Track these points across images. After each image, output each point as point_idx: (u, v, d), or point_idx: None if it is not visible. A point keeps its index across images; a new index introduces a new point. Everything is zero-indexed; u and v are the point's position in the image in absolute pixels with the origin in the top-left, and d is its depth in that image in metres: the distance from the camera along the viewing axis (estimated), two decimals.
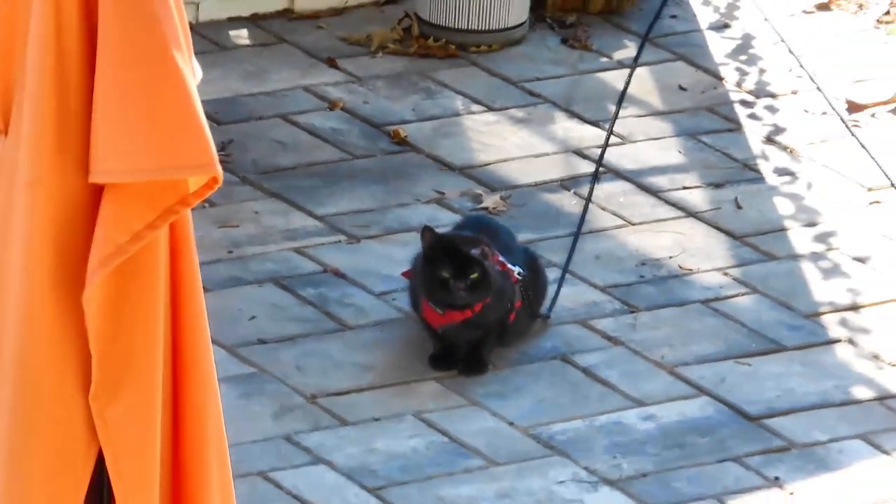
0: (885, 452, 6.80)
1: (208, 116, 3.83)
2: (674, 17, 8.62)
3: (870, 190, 8.02)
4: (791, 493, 6.57)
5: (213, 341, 4.13)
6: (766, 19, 8.57)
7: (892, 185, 8.04)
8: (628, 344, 7.25)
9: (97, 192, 3.79)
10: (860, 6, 8.95)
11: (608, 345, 7.24)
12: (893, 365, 7.30)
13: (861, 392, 7.10)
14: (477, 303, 7.08)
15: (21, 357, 4.03)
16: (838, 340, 7.30)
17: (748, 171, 8.08)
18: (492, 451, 6.80)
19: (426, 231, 7.15)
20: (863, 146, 7.95)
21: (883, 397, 7.05)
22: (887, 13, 8.93)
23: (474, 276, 7.02)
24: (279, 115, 8.31)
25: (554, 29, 8.34)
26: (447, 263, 7.08)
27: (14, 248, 4.01)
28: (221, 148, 6.72)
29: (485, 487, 6.75)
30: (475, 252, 7.01)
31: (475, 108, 8.12)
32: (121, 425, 4.01)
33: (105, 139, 3.71)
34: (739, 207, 7.89)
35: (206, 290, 4.24)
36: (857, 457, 6.80)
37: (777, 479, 6.64)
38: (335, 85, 8.57)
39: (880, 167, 8.05)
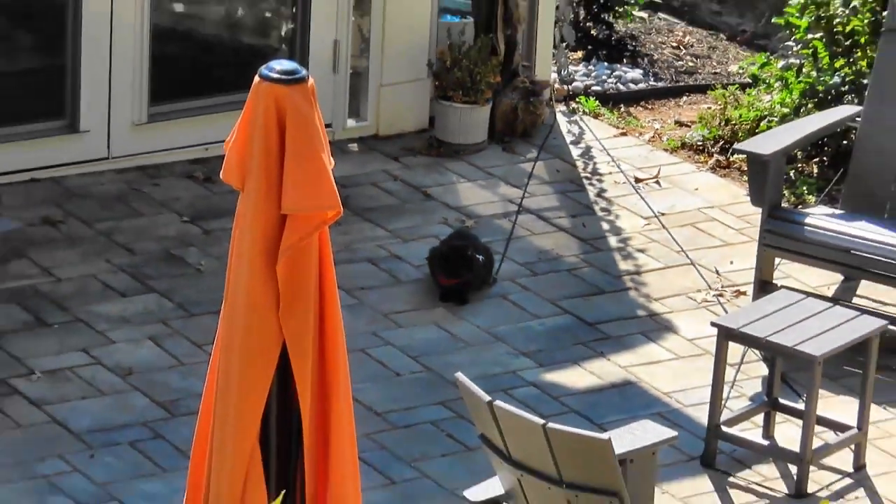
0: None
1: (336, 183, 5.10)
2: (554, 138, 10.09)
3: (646, 218, 9.69)
4: None
5: None
6: (596, 138, 10.23)
7: (656, 215, 9.63)
8: (527, 286, 9.17)
9: (283, 217, 5.32)
10: (640, 133, 10.52)
11: (521, 288, 9.18)
12: None
13: None
14: (462, 278, 8.88)
15: (246, 299, 5.45)
16: None
17: (585, 208, 9.80)
18: (465, 336, 8.66)
19: (440, 248, 8.95)
20: (642, 198, 9.51)
21: None
22: (653, 138, 10.41)
23: (465, 271, 8.89)
24: (369, 183, 9.77)
25: (498, 143, 10.13)
26: (451, 262, 8.88)
27: (246, 245, 5.40)
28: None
29: (462, 352, 8.51)
30: (466, 253, 8.87)
31: (462, 179, 9.83)
32: (293, 332, 5.43)
33: (289, 191, 5.23)
34: (584, 225, 9.69)
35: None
36: None
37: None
38: (397, 168, 10.01)
39: (649, 206, 9.66)
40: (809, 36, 9.73)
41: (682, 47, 11.17)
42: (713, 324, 7.99)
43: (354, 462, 5.61)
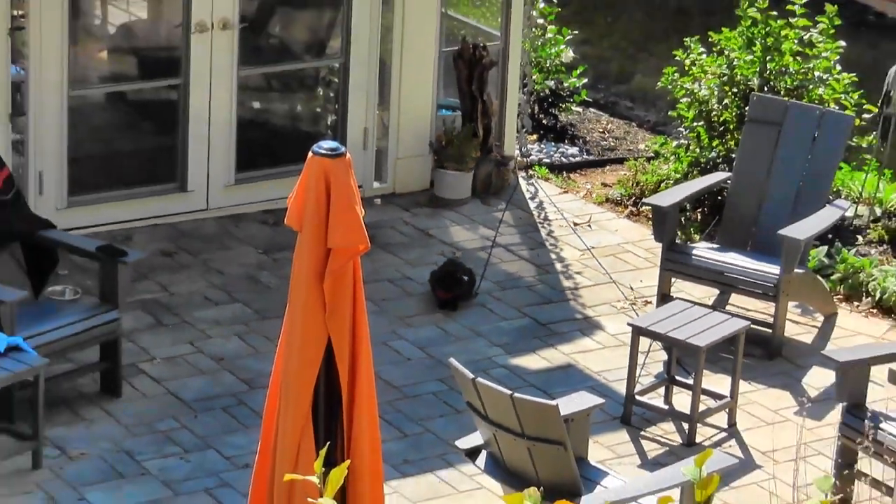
0: None
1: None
2: (517, 195, 9.87)
3: (581, 251, 9.45)
4: None
5: None
6: (546, 195, 10.04)
7: (588, 248, 9.37)
8: (499, 298, 8.95)
9: (328, 250, 5.23)
10: (577, 191, 10.27)
11: (495, 300, 8.92)
12: None
13: None
14: (454, 292, 8.67)
15: (302, 307, 5.33)
16: None
17: (539, 244, 9.58)
18: (455, 333, 8.44)
19: (438, 271, 8.74)
20: (579, 237, 9.34)
21: None
22: (586, 195, 10.18)
23: (456, 288, 8.71)
24: (388, 226, 9.61)
25: (478, 198, 9.83)
26: (446, 281, 8.71)
27: (302, 269, 5.31)
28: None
29: (454, 344, 8.31)
30: (456, 275, 8.75)
31: (453, 224, 9.58)
32: (335, 329, 5.35)
33: (332, 232, 5.16)
34: (538, 256, 9.42)
35: None
36: None
37: None
38: (408, 216, 9.80)
39: (583, 242, 9.36)
40: (695, 124, 9.63)
41: (605, 132, 10.97)
42: (629, 324, 7.96)
43: (375, 421, 5.53)
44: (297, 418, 5.40)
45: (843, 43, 9.48)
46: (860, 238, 9.29)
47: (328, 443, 5.10)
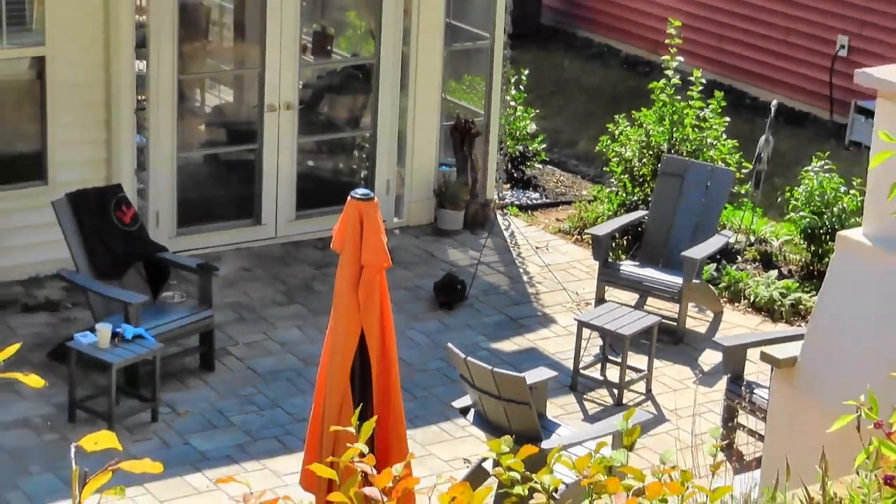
0: None
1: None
2: (495, 228, 9.60)
3: (541, 267, 9.20)
4: None
5: None
6: (517, 227, 9.78)
7: (546, 265, 9.11)
8: (483, 301, 8.71)
9: (361, 266, 5.09)
10: (538, 225, 9.97)
11: (480, 302, 8.69)
12: None
13: None
14: (450, 297, 8.46)
15: (345, 307, 5.22)
16: None
17: (511, 262, 9.33)
18: (452, 325, 8.29)
19: (439, 281, 8.50)
20: (539, 257, 9.15)
21: None
22: (545, 227, 9.79)
23: (452, 293, 8.50)
24: (404, 249, 9.25)
25: (468, 230, 9.51)
26: (445, 289, 8.50)
27: (344, 281, 5.21)
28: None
29: (450, 333, 8.10)
30: (452, 284, 8.51)
31: (449, 248, 9.31)
32: (367, 324, 5.21)
33: (364, 253, 5.06)
34: (510, 271, 9.15)
35: None
36: None
37: None
38: (418, 242, 9.53)
39: (542, 260, 9.18)
40: (622, 176, 9.50)
41: (558, 182, 10.82)
42: (575, 319, 7.91)
43: (398, 389, 5.53)
44: (340, 387, 5.37)
45: (727, 119, 9.47)
46: (739, 258, 9.24)
47: (361, 404, 5.03)
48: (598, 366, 7.88)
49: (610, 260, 8.79)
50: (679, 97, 9.43)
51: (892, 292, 4.74)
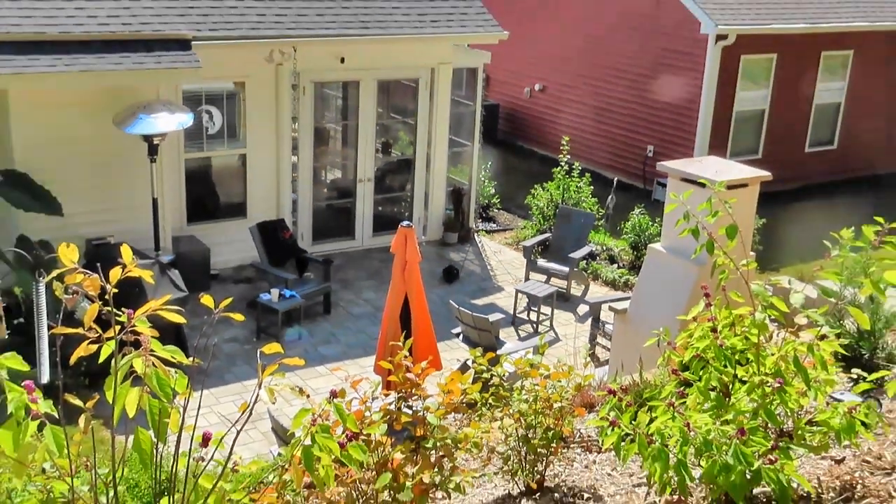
0: None
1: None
2: (472, 244, 8.67)
3: (497, 262, 8.57)
4: None
5: None
6: (484, 244, 8.86)
7: (500, 261, 8.42)
8: (467, 282, 8.07)
9: (406, 260, 4.75)
10: (497, 240, 9.00)
11: (466, 280, 7.97)
12: None
13: None
14: (451, 277, 7.79)
15: (398, 280, 4.81)
16: None
17: (483, 262, 8.58)
18: (453, 291, 7.65)
19: (446, 268, 7.84)
20: (495, 258, 8.39)
21: None
22: (500, 241, 9.01)
23: (452, 275, 7.74)
24: (425, 252, 8.56)
25: (460, 243, 8.76)
26: (448, 272, 7.88)
27: (396, 267, 4.82)
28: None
29: (452, 295, 7.32)
30: (454, 270, 7.85)
31: (449, 252, 8.51)
32: (410, 288, 4.98)
33: (408, 252, 4.78)
34: (480, 268, 8.55)
35: None
36: None
37: None
38: (435, 249, 8.59)
39: (496, 259, 8.48)
40: (538, 216, 9.08)
41: (506, 218, 10.30)
42: (515, 289, 7.62)
43: (428, 324, 5.15)
44: (393, 322, 5.19)
45: (592, 187, 9.11)
46: (598, 258, 8.84)
47: (404, 331, 4.94)
48: (526, 313, 7.48)
49: (532, 258, 8.42)
50: (568, 176, 9.19)
51: (672, 276, 4.62)
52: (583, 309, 7.59)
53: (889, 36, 9.25)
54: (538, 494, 2.49)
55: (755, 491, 2.05)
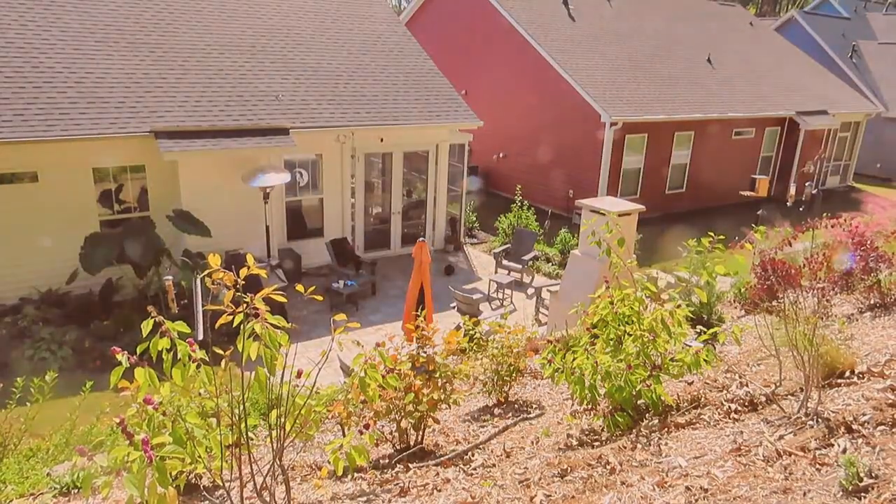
0: None
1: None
2: (461, 252, 8.24)
3: (478, 262, 8.11)
4: None
5: None
6: (468, 252, 8.04)
7: (482, 265, 7.88)
8: (459, 273, 7.51)
9: (422, 262, 4.44)
10: (480, 249, 8.15)
11: (460, 273, 7.39)
12: None
13: None
14: (449, 272, 7.41)
15: (416, 273, 4.58)
16: None
17: (468, 262, 7.74)
18: (453, 280, 6.93)
19: (446, 265, 7.23)
20: (477, 260, 7.68)
21: None
22: (481, 251, 8.60)
23: (450, 270, 7.27)
24: (434, 257, 8.24)
25: (455, 249, 8.36)
26: (448, 268, 7.46)
27: (414, 267, 4.48)
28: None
29: (452, 282, 6.71)
30: (452, 266, 7.35)
31: (448, 256, 7.99)
32: (425, 279, 4.67)
33: (423, 256, 4.48)
34: (466, 264, 7.81)
35: None
36: None
37: None
38: (441, 254, 7.96)
39: (478, 260, 8.00)
40: (502, 233, 8.73)
41: (485, 236, 9.73)
42: (490, 279, 7.13)
43: (430, 302, 4.88)
44: (413, 300, 4.96)
45: (536, 216, 8.90)
46: (539, 260, 8.37)
47: (420, 305, 4.76)
48: (497, 293, 6.86)
49: (499, 260, 8.04)
50: (520, 209, 8.83)
51: (585, 270, 4.47)
52: (531, 291, 7.03)
53: (716, 122, 10.09)
54: (504, 405, 2.72)
55: (638, 402, 2.22)
